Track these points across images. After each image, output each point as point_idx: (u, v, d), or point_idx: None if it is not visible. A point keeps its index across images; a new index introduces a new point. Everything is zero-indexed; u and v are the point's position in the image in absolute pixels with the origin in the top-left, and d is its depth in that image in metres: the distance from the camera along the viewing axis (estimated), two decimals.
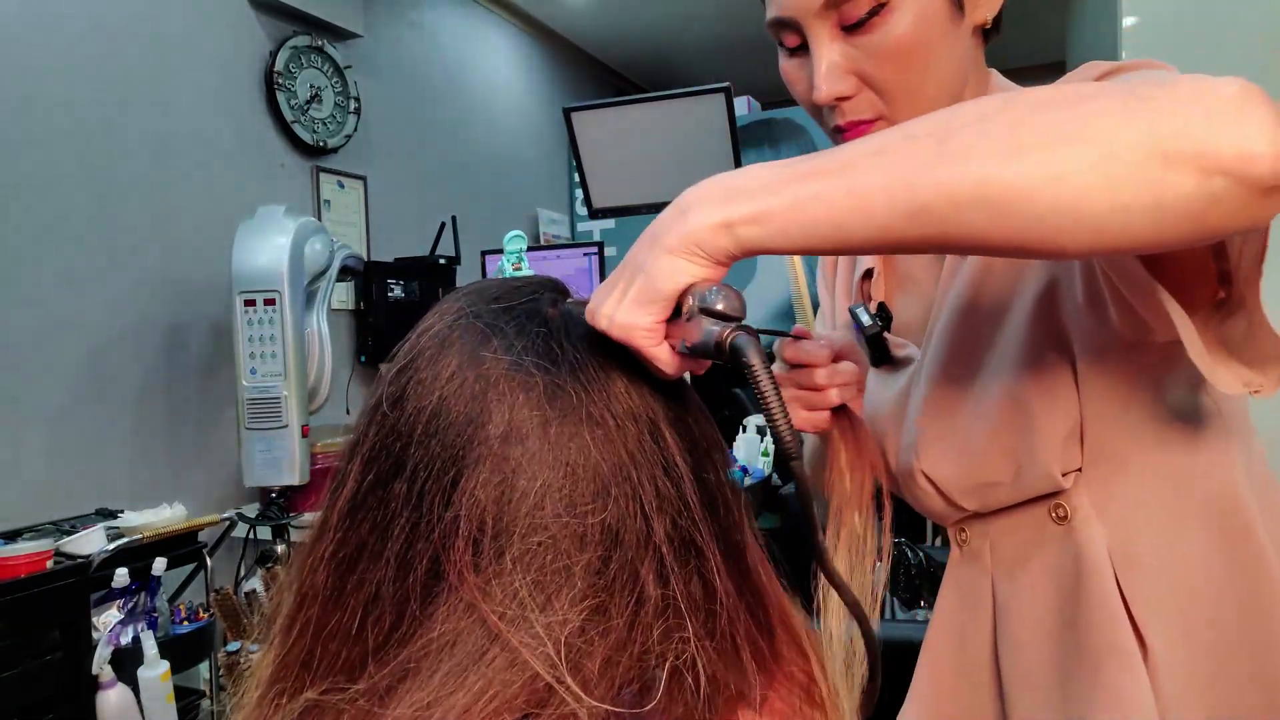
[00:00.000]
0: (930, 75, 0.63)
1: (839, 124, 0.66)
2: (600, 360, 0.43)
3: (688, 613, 0.40)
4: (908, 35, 0.61)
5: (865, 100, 0.64)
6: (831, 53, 0.63)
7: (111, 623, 1.69)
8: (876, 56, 0.62)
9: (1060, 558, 0.68)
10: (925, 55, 0.62)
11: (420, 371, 0.43)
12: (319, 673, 0.40)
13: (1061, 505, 0.67)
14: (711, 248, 0.44)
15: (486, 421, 0.41)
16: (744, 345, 0.41)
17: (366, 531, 0.41)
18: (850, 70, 0.63)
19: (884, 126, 0.65)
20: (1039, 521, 0.69)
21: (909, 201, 0.41)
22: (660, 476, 0.42)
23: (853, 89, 0.64)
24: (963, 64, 0.66)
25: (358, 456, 0.43)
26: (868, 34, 0.61)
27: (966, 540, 0.77)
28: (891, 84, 0.63)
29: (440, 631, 0.38)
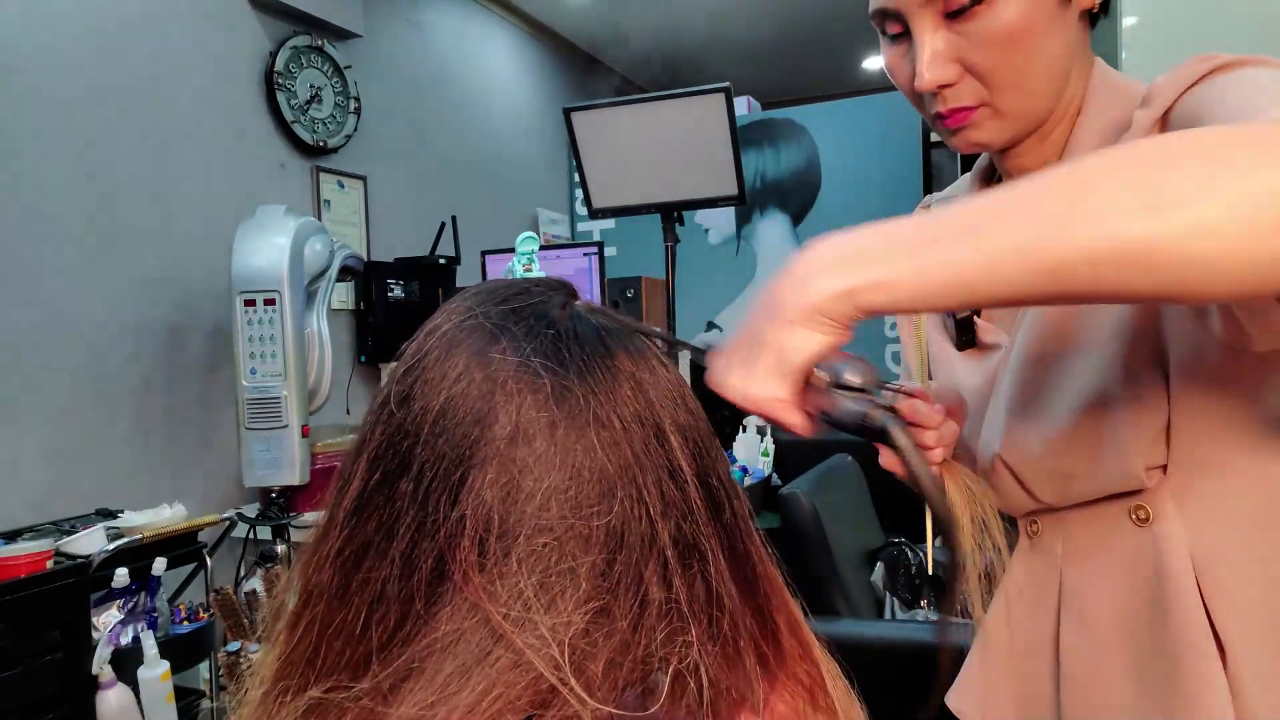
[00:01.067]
0: (1036, 62, 0.62)
1: (940, 110, 0.66)
2: (607, 363, 0.44)
3: (691, 616, 0.40)
4: (1014, 22, 0.60)
5: (968, 87, 0.64)
6: (935, 40, 0.62)
7: (111, 623, 1.69)
8: (981, 44, 0.61)
9: (1138, 558, 0.67)
10: (1031, 42, 0.61)
11: (428, 371, 0.43)
12: (323, 671, 0.40)
13: (1143, 507, 0.67)
14: (835, 315, 0.44)
15: (493, 422, 0.41)
16: (890, 426, 0.44)
17: (372, 530, 0.41)
18: (953, 58, 0.63)
19: (987, 114, 0.65)
20: (1117, 521, 0.69)
21: (1045, 261, 0.41)
22: (665, 479, 0.42)
23: (955, 76, 0.63)
24: (1069, 50, 0.64)
25: (364, 455, 0.43)
26: (972, 21, 0.61)
27: (1038, 532, 0.76)
28: (996, 71, 0.62)
29: (445, 631, 0.38)
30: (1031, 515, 0.77)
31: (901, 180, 3.76)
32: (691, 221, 4.03)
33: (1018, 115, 0.65)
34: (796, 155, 3.98)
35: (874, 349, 3.80)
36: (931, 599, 1.99)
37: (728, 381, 0.46)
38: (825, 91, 5.34)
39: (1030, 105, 0.65)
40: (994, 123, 0.65)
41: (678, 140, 1.79)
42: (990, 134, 0.66)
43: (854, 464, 2.44)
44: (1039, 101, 0.65)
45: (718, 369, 0.47)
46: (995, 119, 0.65)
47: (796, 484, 1.99)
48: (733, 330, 0.48)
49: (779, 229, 4.02)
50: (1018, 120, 0.65)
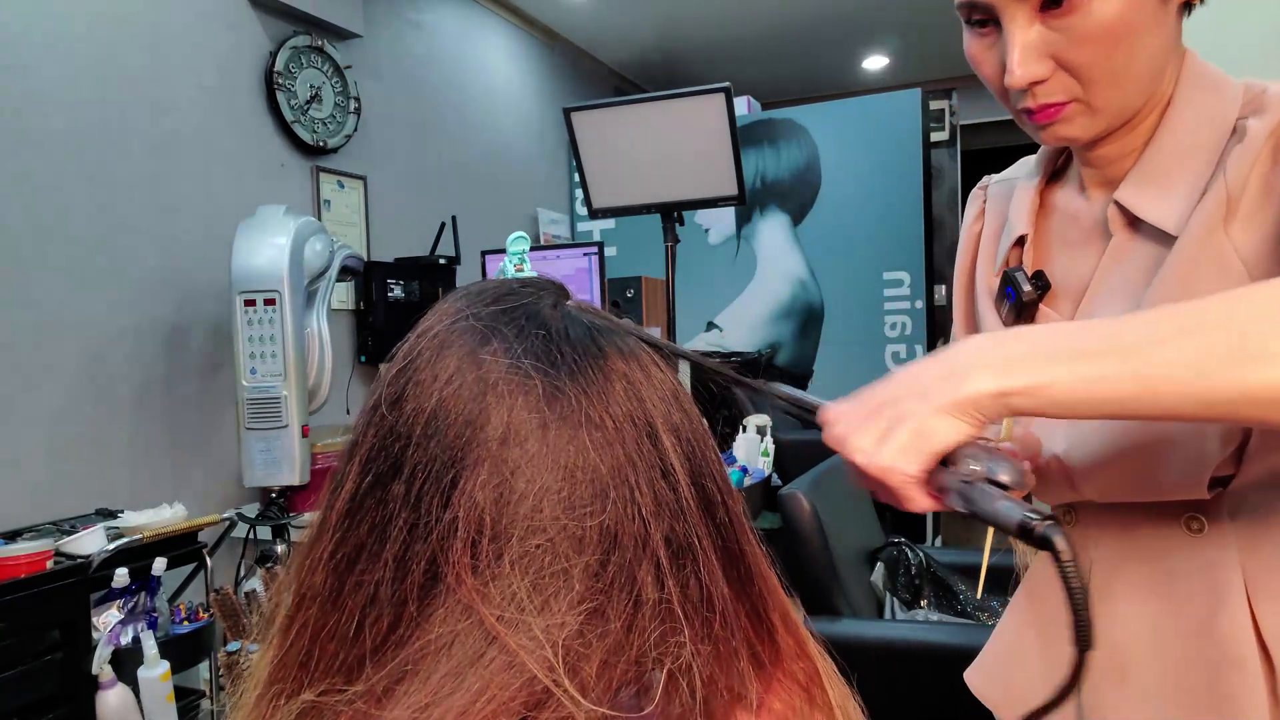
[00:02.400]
0: (1135, 59, 0.60)
1: (1029, 106, 0.63)
2: (599, 363, 0.43)
3: (685, 615, 0.40)
4: (1114, 18, 0.58)
5: (1059, 83, 0.62)
6: (1028, 34, 0.60)
7: (111, 623, 1.69)
8: (1078, 40, 0.59)
9: (1185, 566, 0.66)
10: (1132, 38, 0.59)
11: (419, 373, 0.43)
12: (317, 674, 0.40)
13: (1198, 518, 0.65)
14: (984, 412, 0.46)
15: (485, 423, 0.41)
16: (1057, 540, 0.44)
17: (365, 533, 0.41)
18: (1046, 53, 0.60)
19: (1078, 109, 0.63)
20: (1168, 528, 0.67)
21: (1204, 394, 0.44)
22: (658, 479, 0.42)
23: (1048, 72, 0.61)
24: (1167, 46, 0.62)
25: (356, 457, 0.43)
26: (1069, 15, 0.58)
27: (1074, 523, 0.74)
28: (1093, 68, 0.60)
29: (438, 633, 0.38)
30: (1070, 505, 0.75)
31: (901, 180, 3.77)
32: (691, 221, 4.03)
33: (1111, 111, 0.63)
34: (796, 155, 3.98)
35: (874, 350, 3.81)
36: (931, 599, 1.99)
37: (855, 444, 0.47)
38: (825, 91, 5.34)
39: (1125, 102, 0.63)
40: (1085, 119, 0.63)
41: (678, 140, 1.79)
42: (1080, 129, 0.64)
43: None
44: (1134, 99, 0.63)
45: (840, 428, 0.49)
46: (1087, 115, 0.63)
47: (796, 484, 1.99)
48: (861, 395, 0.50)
49: (779, 229, 4.02)
50: (1110, 116, 0.63)
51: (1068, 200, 0.74)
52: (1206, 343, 0.44)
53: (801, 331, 3.99)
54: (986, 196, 0.85)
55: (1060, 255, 0.75)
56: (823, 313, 3.96)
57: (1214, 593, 0.64)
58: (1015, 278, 0.73)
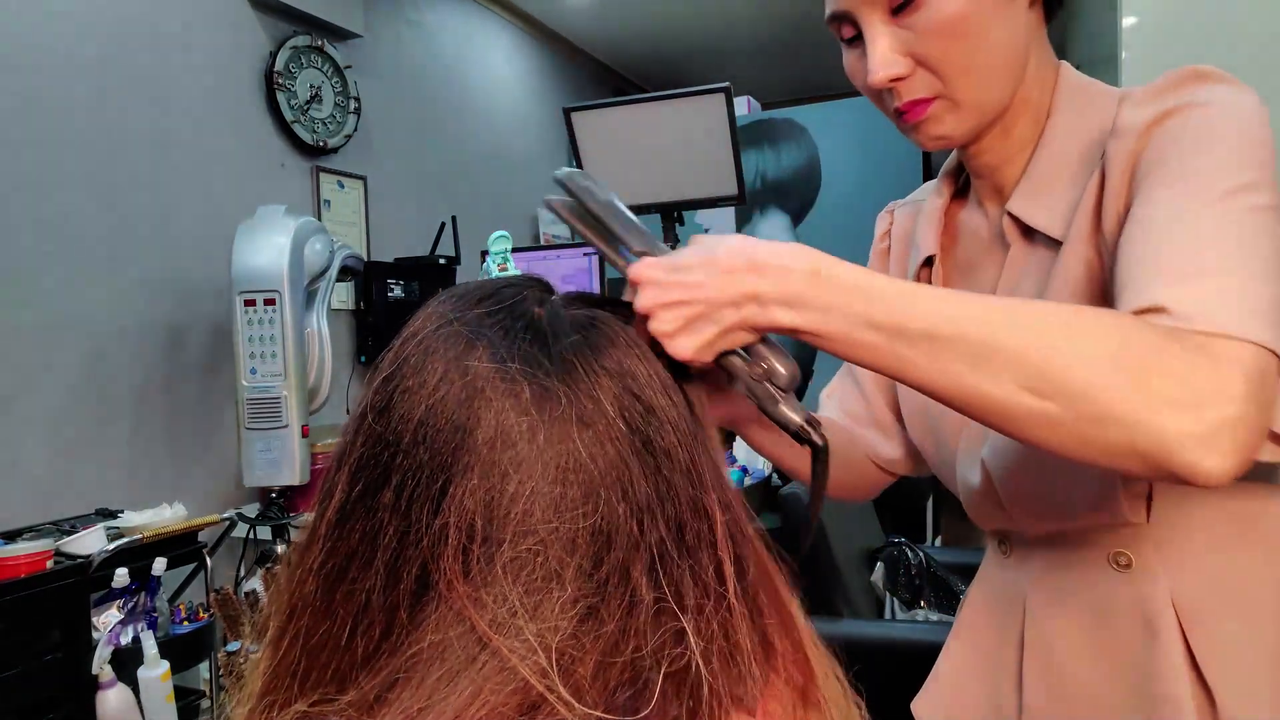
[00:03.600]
0: (984, 50, 0.63)
1: (898, 106, 0.66)
2: (587, 360, 0.43)
3: (681, 614, 0.40)
4: (955, 10, 0.61)
5: (921, 80, 0.65)
6: (882, 36, 0.64)
7: (111, 623, 1.69)
8: (926, 35, 0.62)
9: (1116, 603, 0.67)
10: (976, 30, 0.62)
11: (406, 379, 0.42)
12: (309, 684, 0.40)
13: (1124, 553, 0.66)
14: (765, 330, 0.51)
15: (474, 428, 0.40)
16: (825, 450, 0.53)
17: (356, 541, 0.41)
18: (903, 52, 0.64)
19: (943, 106, 0.65)
20: (1095, 565, 0.68)
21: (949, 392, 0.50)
22: (651, 478, 0.41)
23: (906, 69, 0.64)
24: (1019, 39, 0.65)
25: (345, 466, 0.43)
26: (915, 13, 0.62)
27: (1008, 553, 0.77)
28: (944, 61, 0.63)
29: (431, 640, 0.38)
30: (1001, 535, 0.77)
31: (901, 180, 3.76)
32: (691, 221, 4.03)
33: (973, 106, 0.65)
34: (796, 155, 3.98)
35: None
36: (931, 599, 1.99)
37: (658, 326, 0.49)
38: (825, 91, 5.34)
39: (984, 95, 0.65)
40: (952, 115, 0.66)
41: (678, 140, 1.79)
42: (949, 126, 0.67)
43: None
44: (993, 91, 0.66)
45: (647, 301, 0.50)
46: (953, 111, 0.66)
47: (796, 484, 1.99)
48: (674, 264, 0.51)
49: (779, 229, 4.02)
50: (974, 111, 0.66)
51: (969, 218, 0.77)
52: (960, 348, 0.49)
53: None
54: (893, 220, 0.88)
55: (966, 273, 0.78)
56: None
57: (1147, 629, 0.65)
58: None
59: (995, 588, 0.78)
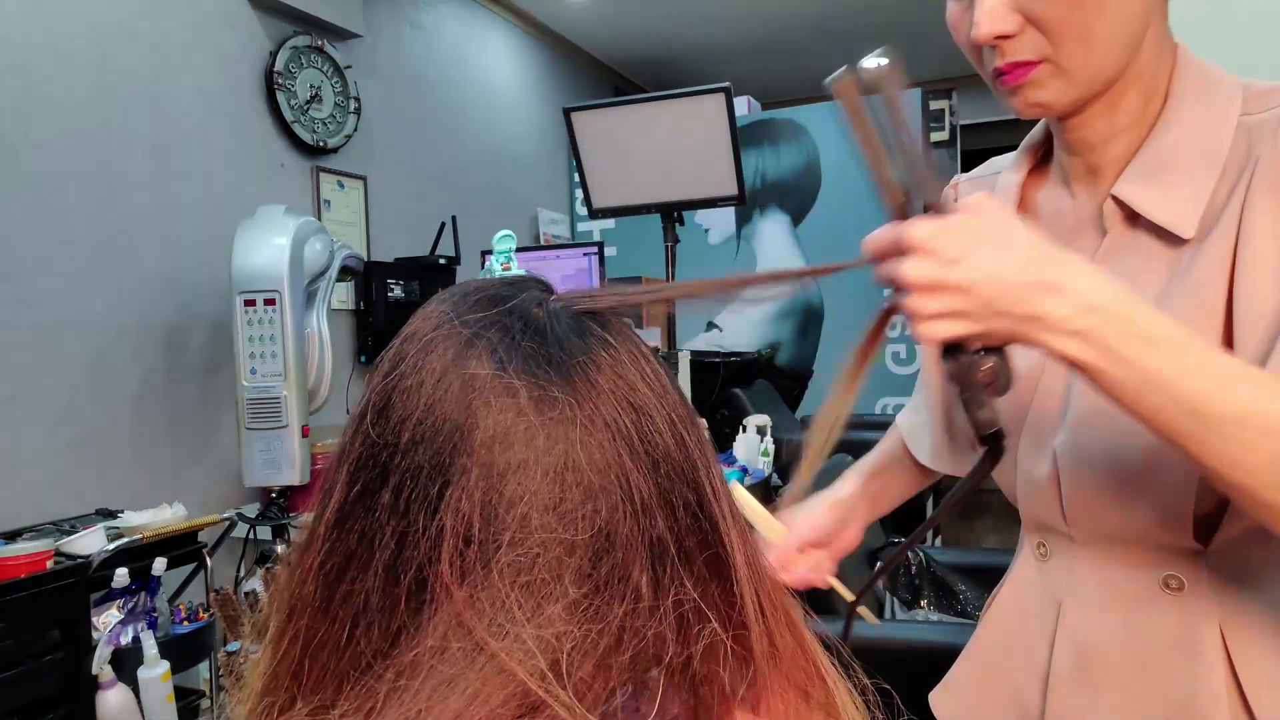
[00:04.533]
0: (1105, 16, 0.58)
1: (999, 65, 0.61)
2: (586, 360, 0.43)
3: (681, 615, 0.40)
4: None
5: (1028, 40, 0.59)
6: None
7: (111, 623, 1.69)
8: None
9: (1159, 622, 0.65)
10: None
11: (405, 379, 0.42)
12: (309, 684, 0.40)
13: (1177, 576, 0.64)
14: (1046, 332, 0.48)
15: (472, 429, 0.40)
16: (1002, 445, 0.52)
17: (354, 542, 0.41)
18: (1014, 7, 0.59)
19: (1048, 70, 0.60)
20: (1146, 583, 0.66)
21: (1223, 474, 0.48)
22: (650, 477, 0.41)
23: (1016, 27, 0.59)
24: (1141, 9, 0.60)
25: (344, 466, 0.43)
26: None
27: (1046, 556, 0.74)
28: (1060, 22, 0.58)
29: (430, 642, 0.38)
30: (1042, 538, 0.74)
31: None
32: (691, 221, 4.03)
33: (1082, 74, 0.60)
34: (796, 155, 3.98)
35: None
36: (931, 599, 1.99)
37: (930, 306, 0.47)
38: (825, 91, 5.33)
39: (1096, 64, 0.60)
40: (1056, 81, 0.60)
41: (678, 140, 1.79)
42: (1052, 94, 0.61)
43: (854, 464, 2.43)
44: (1106, 61, 0.60)
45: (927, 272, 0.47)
46: (1058, 77, 0.60)
47: None
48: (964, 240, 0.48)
49: (779, 229, 4.02)
50: (1082, 80, 0.60)
51: (1049, 197, 0.72)
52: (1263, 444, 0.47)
53: (801, 331, 3.99)
54: (956, 195, 0.82)
55: None
56: (822, 312, 3.96)
57: (1191, 653, 0.63)
58: None
59: (1028, 590, 0.76)
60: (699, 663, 0.39)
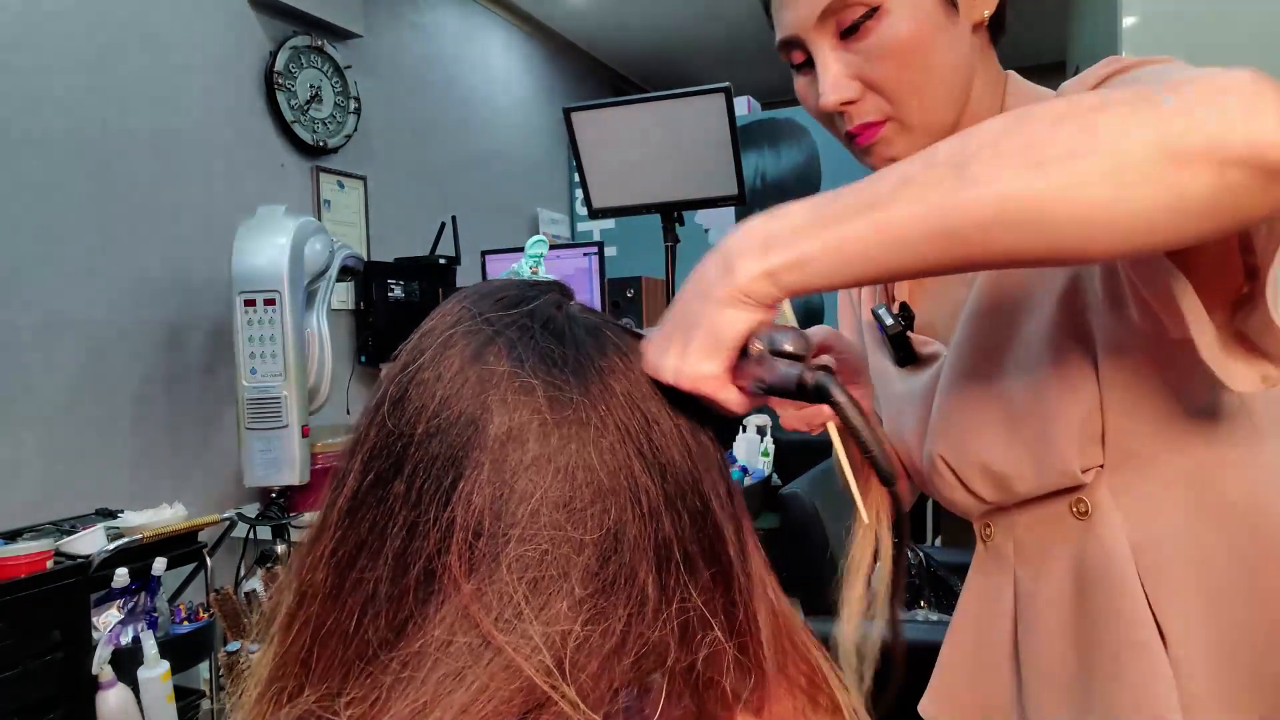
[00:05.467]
0: (931, 73, 0.65)
1: (849, 129, 0.68)
2: (600, 364, 0.43)
3: (686, 618, 0.40)
4: (902, 35, 0.63)
5: (871, 103, 0.66)
6: (833, 61, 0.65)
7: (111, 623, 1.69)
8: (875, 59, 0.64)
9: (1081, 553, 0.69)
10: (923, 53, 0.64)
11: (423, 372, 0.43)
12: (317, 671, 0.40)
13: (1083, 500, 0.68)
14: (759, 295, 0.46)
15: (487, 424, 0.41)
16: (828, 384, 0.45)
17: (366, 531, 0.41)
18: (853, 76, 0.65)
19: (894, 129, 0.66)
20: (1060, 516, 0.70)
21: (938, 228, 0.43)
22: (660, 481, 0.42)
23: (857, 93, 0.66)
24: (964, 61, 0.67)
25: (358, 455, 0.43)
26: (864, 38, 0.64)
27: (990, 536, 0.78)
28: (894, 84, 0.65)
29: (438, 633, 0.38)
30: (984, 519, 0.78)
31: None
32: (691, 221, 4.03)
33: (922, 126, 0.66)
34: (796, 155, 3.98)
35: None
36: (931, 599, 1.99)
37: (663, 363, 0.46)
38: None
39: (932, 116, 0.66)
40: (902, 137, 0.67)
41: (678, 140, 1.79)
42: (901, 148, 0.67)
43: None
44: (940, 113, 0.66)
45: (652, 353, 0.47)
46: (903, 133, 0.67)
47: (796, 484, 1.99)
48: (665, 316, 0.49)
49: None
50: (924, 132, 0.66)
51: None
52: (936, 178, 0.44)
53: None
54: None
55: (929, 284, 0.78)
56: (822, 312, 3.96)
57: (1109, 572, 0.67)
58: (878, 314, 0.77)
59: (985, 578, 0.80)
60: (703, 665, 0.39)
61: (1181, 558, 0.66)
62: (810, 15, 0.65)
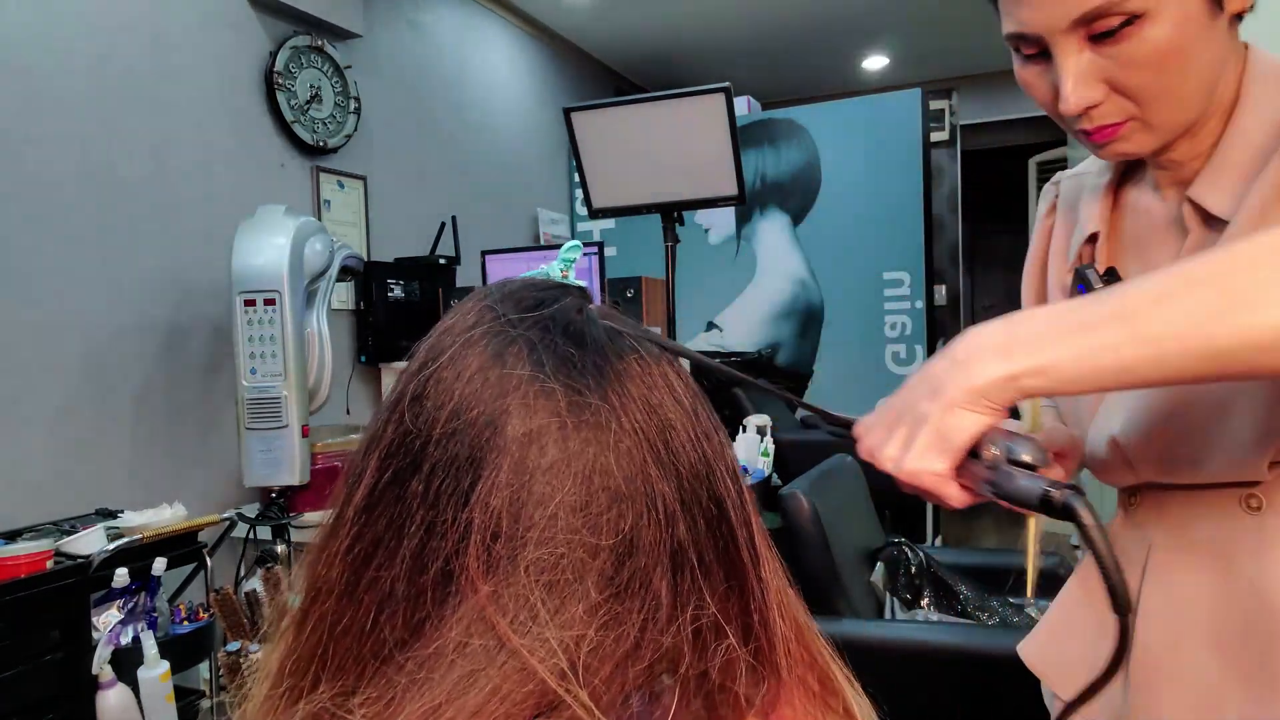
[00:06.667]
0: (1189, 77, 0.62)
1: (1087, 129, 0.65)
2: (620, 368, 0.43)
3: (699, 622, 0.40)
4: (1166, 42, 0.59)
5: (1114, 105, 0.63)
6: (1080, 63, 0.62)
7: (111, 623, 1.69)
8: (1131, 65, 0.61)
9: (1243, 543, 0.67)
10: (1184, 58, 0.60)
11: (442, 370, 0.43)
12: (331, 668, 0.40)
13: (1257, 496, 0.67)
14: (997, 399, 0.47)
15: (506, 425, 0.40)
16: (1077, 506, 0.44)
17: (382, 528, 0.41)
18: (1099, 79, 0.62)
19: (1135, 127, 0.64)
20: (1227, 507, 0.68)
21: (1206, 348, 0.45)
22: (675, 487, 0.42)
23: (1102, 96, 0.63)
24: (1221, 56, 0.64)
25: (375, 452, 0.43)
26: (1120, 43, 0.60)
27: (1135, 505, 0.76)
28: (1148, 89, 0.62)
29: (453, 634, 0.38)
30: (1132, 489, 0.77)
31: (901, 180, 3.76)
32: (691, 221, 4.03)
33: (1168, 127, 0.64)
34: (796, 155, 3.98)
35: (874, 350, 3.81)
36: (931, 599, 1.99)
37: (884, 453, 0.48)
38: (825, 91, 5.34)
39: (1181, 117, 0.64)
40: (1143, 135, 0.65)
41: (678, 140, 1.79)
42: (1138, 145, 0.66)
43: (854, 464, 2.44)
44: (1190, 112, 0.64)
45: (870, 440, 0.49)
46: (1144, 131, 0.64)
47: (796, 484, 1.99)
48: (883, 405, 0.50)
49: (779, 229, 4.02)
50: (1167, 131, 0.65)
51: (1140, 198, 0.75)
52: (1201, 295, 0.45)
53: (801, 331, 3.99)
54: (1059, 192, 0.85)
55: (1134, 252, 0.76)
56: (823, 313, 3.96)
57: (1269, 563, 0.65)
58: (1087, 275, 0.75)
59: (1119, 538, 0.78)
60: (714, 668, 0.39)
61: None
62: (1062, 19, 0.60)
